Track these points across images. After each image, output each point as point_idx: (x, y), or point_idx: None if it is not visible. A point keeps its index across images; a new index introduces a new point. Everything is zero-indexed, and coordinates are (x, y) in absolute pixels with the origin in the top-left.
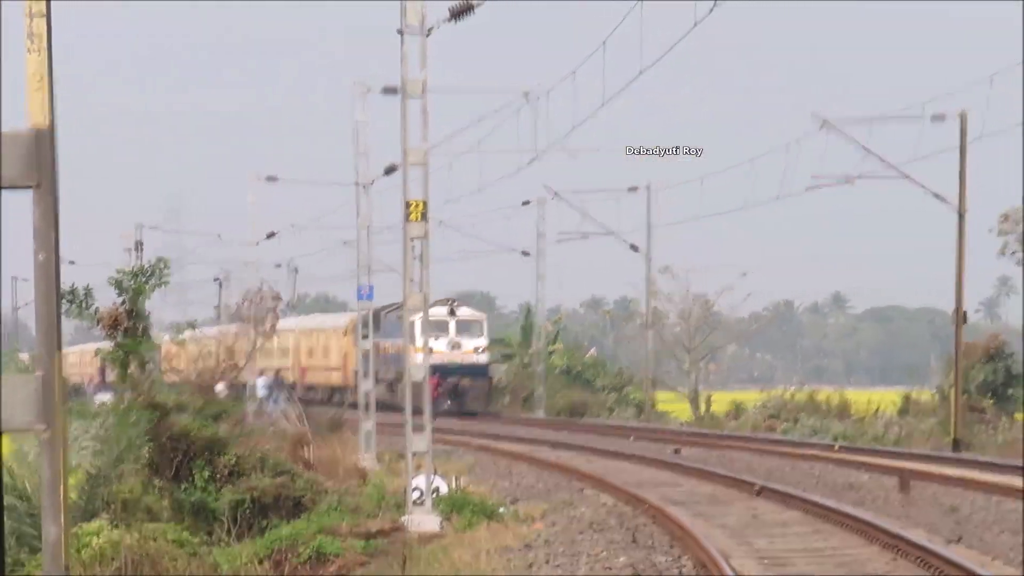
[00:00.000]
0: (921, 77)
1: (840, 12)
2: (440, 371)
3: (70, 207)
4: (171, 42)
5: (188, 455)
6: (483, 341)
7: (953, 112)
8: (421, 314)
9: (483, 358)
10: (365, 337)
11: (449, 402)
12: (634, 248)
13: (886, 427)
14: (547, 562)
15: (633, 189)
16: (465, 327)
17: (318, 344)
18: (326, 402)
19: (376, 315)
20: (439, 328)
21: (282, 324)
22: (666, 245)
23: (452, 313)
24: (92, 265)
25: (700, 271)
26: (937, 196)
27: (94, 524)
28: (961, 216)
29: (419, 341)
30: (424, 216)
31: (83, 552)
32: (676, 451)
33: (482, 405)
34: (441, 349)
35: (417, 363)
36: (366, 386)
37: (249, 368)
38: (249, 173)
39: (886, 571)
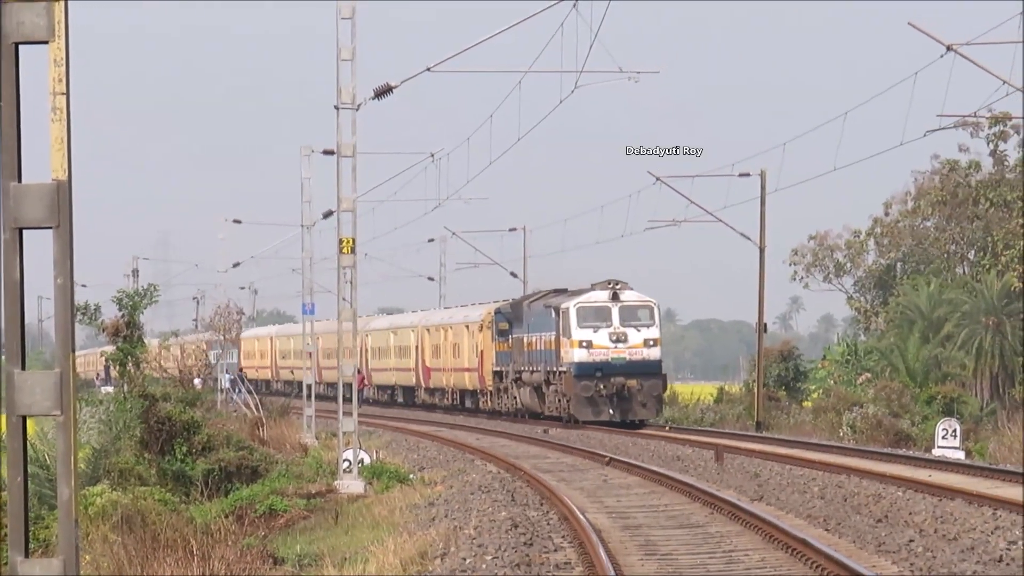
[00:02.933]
0: (730, 143)
1: (668, 93)
2: (602, 370)
3: (81, 240)
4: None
5: (171, 434)
6: (654, 332)
7: (755, 171)
8: (578, 300)
9: (654, 352)
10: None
11: (612, 410)
12: (513, 275)
13: (704, 412)
14: (446, 516)
15: (513, 229)
16: (631, 314)
17: (446, 342)
18: (458, 408)
19: (517, 306)
20: (600, 317)
21: (403, 320)
22: (538, 271)
23: (615, 298)
24: (99, 286)
25: None
26: (743, 235)
27: (98, 487)
28: (762, 251)
29: (575, 333)
30: (353, 250)
31: (89, 509)
32: (545, 431)
33: (653, 412)
34: (602, 343)
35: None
36: (308, 379)
37: (219, 366)
38: (220, 216)
39: (703, 521)
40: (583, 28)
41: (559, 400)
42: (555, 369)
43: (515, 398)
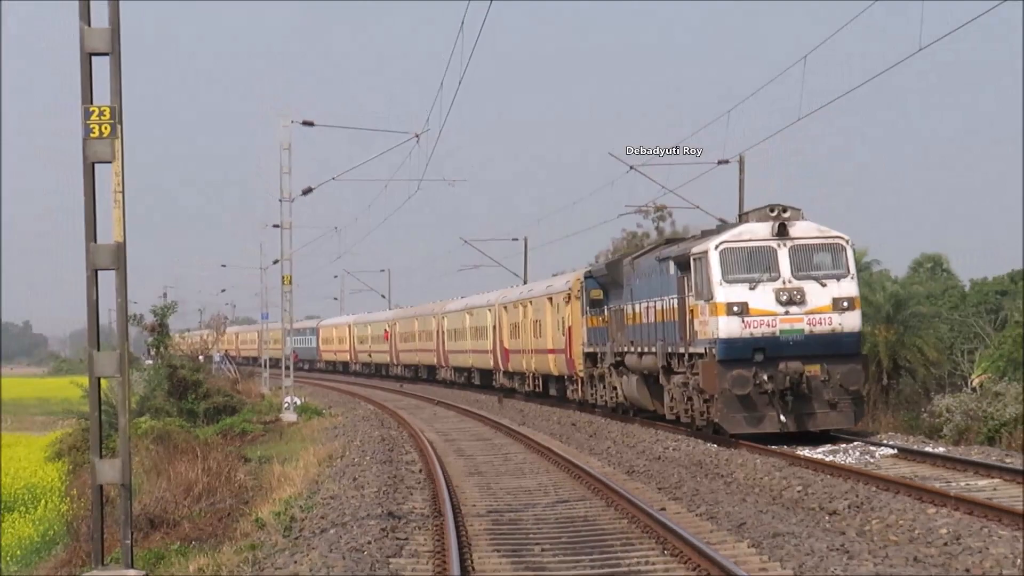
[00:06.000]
0: (508, 219)
1: (474, 188)
2: (765, 350)
3: (131, 277)
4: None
5: (185, 387)
6: (849, 287)
7: (522, 236)
8: (721, 239)
9: (851, 320)
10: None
11: (782, 416)
12: (382, 296)
13: None
14: (343, 434)
15: (383, 270)
16: (809, 259)
17: (526, 319)
18: (540, 395)
19: (615, 266)
20: (759, 263)
21: (479, 300)
22: (402, 295)
23: (782, 232)
24: (142, 303)
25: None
26: (517, 276)
27: (143, 418)
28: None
29: (720, 292)
30: (291, 282)
31: (137, 431)
32: (401, 386)
33: (849, 418)
34: (765, 306)
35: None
36: (264, 356)
37: (215, 349)
38: (215, 260)
39: (491, 436)
40: (422, 154)
41: (688, 398)
42: (680, 350)
43: (615, 389)
